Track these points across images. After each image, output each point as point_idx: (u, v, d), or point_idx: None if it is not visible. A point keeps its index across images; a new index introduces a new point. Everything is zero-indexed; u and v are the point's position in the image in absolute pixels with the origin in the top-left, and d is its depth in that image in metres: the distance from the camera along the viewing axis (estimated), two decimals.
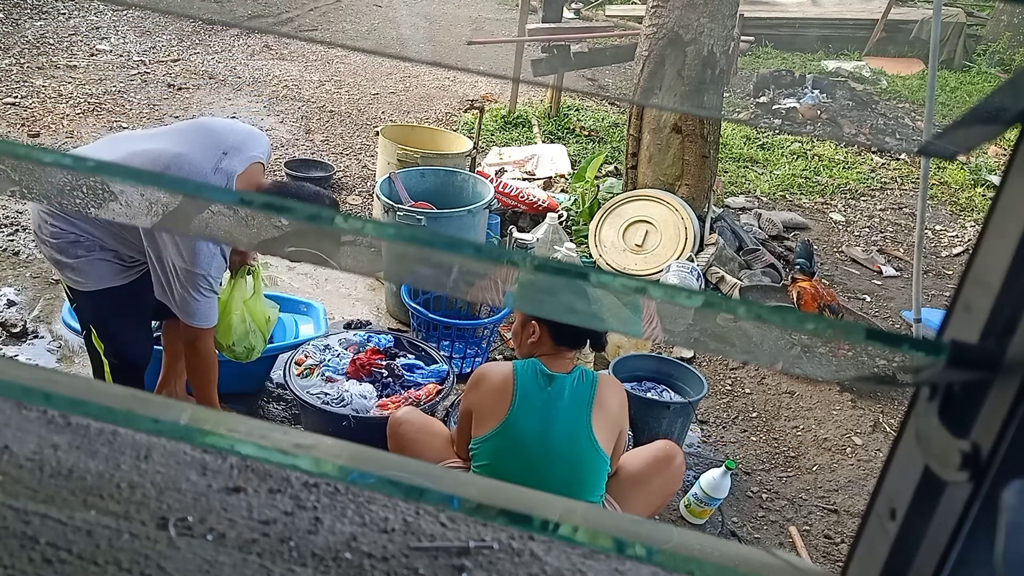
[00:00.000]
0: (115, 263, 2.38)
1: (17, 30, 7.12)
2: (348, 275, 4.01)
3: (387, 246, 0.48)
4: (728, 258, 4.31)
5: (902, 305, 4.47)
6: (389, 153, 4.24)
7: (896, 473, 0.51)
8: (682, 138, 4.33)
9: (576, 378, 2.22)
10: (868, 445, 3.32)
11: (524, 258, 0.46)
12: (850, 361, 0.50)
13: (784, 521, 2.89)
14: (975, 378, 0.44)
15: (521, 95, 6.74)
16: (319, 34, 8.51)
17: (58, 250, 2.32)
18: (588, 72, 7.60)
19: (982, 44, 9.90)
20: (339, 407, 2.80)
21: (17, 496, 0.59)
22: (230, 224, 1.66)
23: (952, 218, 5.84)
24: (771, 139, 6.71)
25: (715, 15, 4.11)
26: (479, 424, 2.24)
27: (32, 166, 0.55)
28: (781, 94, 7.61)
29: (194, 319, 2.37)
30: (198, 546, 0.57)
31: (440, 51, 8.04)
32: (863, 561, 0.53)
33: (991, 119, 0.46)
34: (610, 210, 4.36)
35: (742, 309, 0.45)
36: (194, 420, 0.58)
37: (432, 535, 0.61)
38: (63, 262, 2.34)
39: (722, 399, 3.52)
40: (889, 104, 7.94)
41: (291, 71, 7.13)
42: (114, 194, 0.80)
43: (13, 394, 0.63)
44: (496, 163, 5.37)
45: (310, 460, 0.56)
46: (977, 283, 0.46)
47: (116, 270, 2.39)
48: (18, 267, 3.70)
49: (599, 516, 0.82)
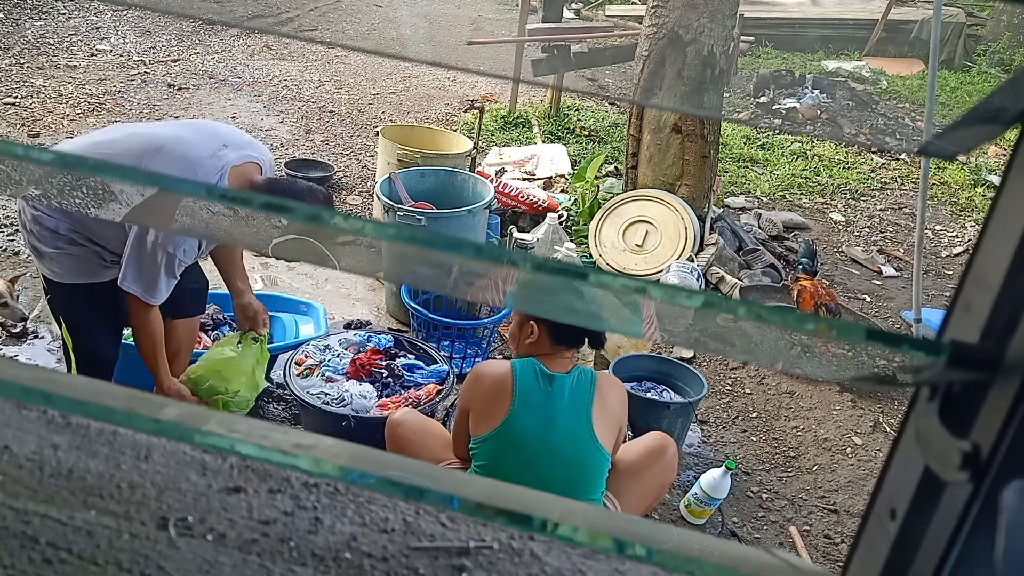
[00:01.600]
0: (94, 260, 2.35)
1: (17, 30, 7.12)
2: (348, 275, 4.02)
3: (387, 246, 0.48)
4: (728, 258, 4.31)
5: (902, 305, 4.47)
6: (389, 153, 4.24)
7: (896, 473, 0.51)
8: (682, 138, 4.33)
9: (576, 377, 2.23)
10: (868, 445, 3.32)
11: (524, 258, 0.46)
12: (850, 361, 0.50)
13: (784, 521, 2.89)
14: (975, 378, 0.44)
15: (521, 95, 6.74)
16: (319, 34, 8.51)
17: (39, 238, 2.31)
18: (588, 72, 7.60)
19: (982, 44, 9.90)
20: (339, 407, 2.80)
21: (17, 496, 0.59)
22: (228, 223, 1.65)
23: (952, 218, 5.84)
24: (771, 139, 6.71)
25: (715, 15, 4.11)
26: (477, 423, 2.23)
27: (32, 166, 0.55)
28: (781, 94, 7.61)
29: (138, 285, 2.28)
30: (198, 546, 0.57)
31: (440, 51, 8.04)
32: (863, 561, 0.53)
33: (991, 119, 0.46)
34: (610, 210, 4.36)
35: (742, 309, 0.45)
36: (195, 420, 0.58)
37: (432, 535, 0.61)
38: (42, 251, 2.32)
39: (722, 399, 3.52)
40: (889, 104, 7.94)
41: (291, 71, 7.13)
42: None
43: (13, 394, 0.63)
44: (496, 163, 5.37)
45: (310, 460, 0.56)
46: (977, 283, 0.46)
47: (94, 267, 2.36)
48: (18, 267, 3.70)
49: (599, 516, 0.82)
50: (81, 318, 2.46)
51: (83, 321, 2.47)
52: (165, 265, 2.26)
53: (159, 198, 1.50)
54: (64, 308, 2.46)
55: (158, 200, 1.89)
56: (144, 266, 2.25)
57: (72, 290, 2.38)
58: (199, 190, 0.49)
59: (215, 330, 3.17)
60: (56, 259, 2.33)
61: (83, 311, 2.45)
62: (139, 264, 2.25)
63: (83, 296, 2.40)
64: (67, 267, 2.34)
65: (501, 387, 2.20)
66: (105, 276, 2.37)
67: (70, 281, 2.37)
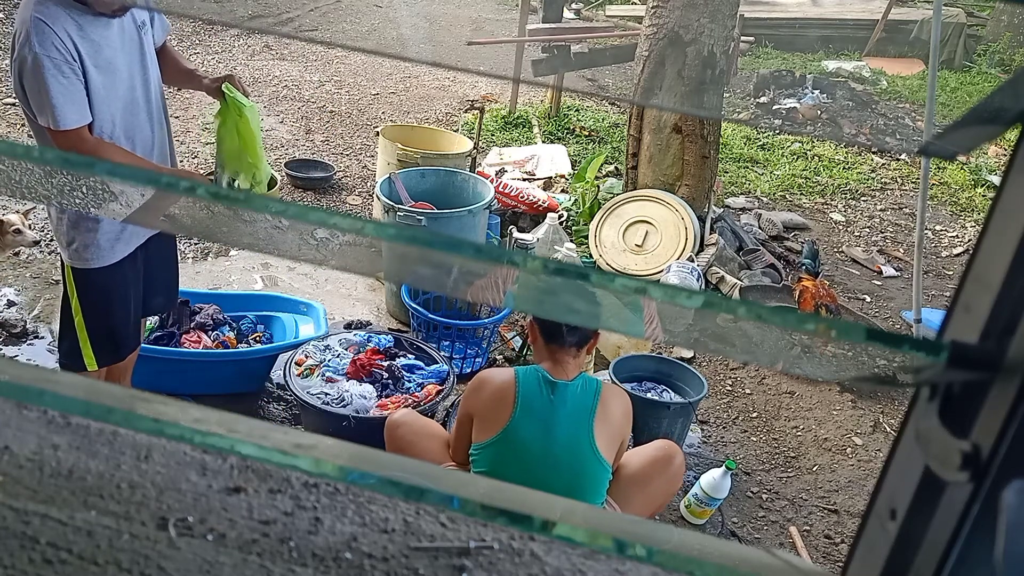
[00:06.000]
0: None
1: None
2: (348, 275, 4.02)
3: (387, 246, 0.48)
4: (728, 258, 4.31)
5: (902, 305, 4.47)
6: (389, 153, 4.24)
7: (896, 473, 0.51)
8: (682, 138, 4.33)
9: (580, 386, 2.20)
10: (868, 445, 3.32)
11: (524, 258, 0.46)
12: (850, 361, 0.50)
13: (784, 521, 2.89)
14: (975, 378, 0.44)
15: (521, 95, 6.74)
16: (319, 34, 8.51)
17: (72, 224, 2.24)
18: (588, 72, 7.60)
19: (982, 44, 9.90)
20: (339, 407, 2.80)
21: (17, 496, 0.59)
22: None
23: (952, 218, 5.84)
24: (771, 139, 6.71)
25: (715, 15, 4.11)
26: (479, 430, 2.22)
27: (32, 166, 0.55)
28: (781, 94, 7.61)
29: (43, 116, 2.06)
30: (198, 546, 0.57)
31: (440, 51, 8.04)
32: (863, 561, 0.53)
33: (991, 119, 0.46)
34: (610, 210, 4.36)
35: (742, 309, 0.45)
36: (194, 420, 0.58)
37: (432, 535, 0.61)
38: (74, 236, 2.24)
39: (722, 399, 3.52)
40: (889, 104, 7.94)
41: (291, 71, 7.13)
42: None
43: (13, 394, 0.63)
44: (496, 163, 5.37)
45: (310, 460, 0.56)
46: (977, 283, 0.46)
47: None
48: (18, 267, 3.70)
49: (599, 516, 0.83)
50: (108, 303, 2.40)
51: (110, 306, 2.41)
52: (48, 74, 1.98)
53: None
54: (89, 295, 2.37)
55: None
56: (38, 92, 2.01)
57: (101, 273, 2.32)
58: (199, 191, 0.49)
59: (215, 330, 3.17)
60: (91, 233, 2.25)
61: (111, 295, 2.39)
62: (36, 94, 2.03)
63: (111, 279, 2.35)
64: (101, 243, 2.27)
65: (504, 394, 2.18)
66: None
67: (100, 264, 2.31)
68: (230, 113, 2.42)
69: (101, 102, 2.14)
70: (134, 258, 2.40)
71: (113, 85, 2.16)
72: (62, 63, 2.01)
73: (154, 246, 2.50)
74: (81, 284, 2.35)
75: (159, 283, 2.62)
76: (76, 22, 2.04)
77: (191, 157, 5.21)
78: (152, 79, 2.31)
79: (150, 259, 2.50)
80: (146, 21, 2.28)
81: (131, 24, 2.21)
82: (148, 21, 2.29)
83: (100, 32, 2.10)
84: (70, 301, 2.37)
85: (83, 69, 2.07)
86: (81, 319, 2.38)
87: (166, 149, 2.44)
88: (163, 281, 2.65)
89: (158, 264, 2.57)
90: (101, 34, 2.11)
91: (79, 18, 2.05)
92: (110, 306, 2.42)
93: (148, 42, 2.28)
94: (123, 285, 2.40)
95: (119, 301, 2.42)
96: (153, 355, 2.89)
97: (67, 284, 2.36)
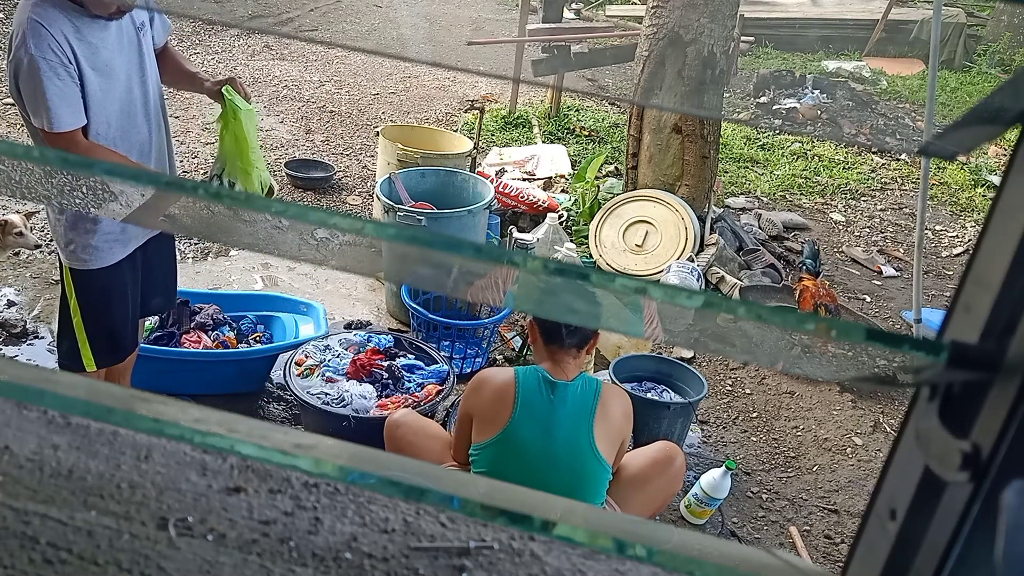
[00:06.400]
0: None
1: None
2: (348, 275, 4.02)
3: (387, 246, 0.48)
4: (728, 258, 4.32)
5: (902, 305, 4.46)
6: (389, 153, 4.24)
7: (896, 473, 0.51)
8: (682, 138, 4.33)
9: (580, 386, 2.20)
10: (868, 445, 3.32)
11: (524, 258, 0.46)
12: (850, 361, 0.50)
13: (784, 521, 2.89)
14: (975, 378, 0.44)
15: (521, 95, 6.74)
16: (319, 34, 8.50)
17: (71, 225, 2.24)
18: (588, 72, 7.60)
19: (982, 44, 9.90)
20: (339, 407, 2.80)
21: (17, 496, 0.59)
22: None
23: (952, 218, 5.84)
24: (771, 139, 6.71)
25: (715, 15, 4.11)
26: (479, 430, 2.22)
27: (32, 166, 0.56)
28: (781, 94, 7.61)
29: (37, 118, 2.08)
30: (198, 546, 0.57)
31: (440, 51, 8.04)
32: (863, 561, 0.53)
33: (991, 119, 0.46)
34: (610, 210, 4.36)
35: (742, 309, 0.45)
36: (194, 420, 0.58)
37: (432, 535, 0.61)
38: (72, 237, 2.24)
39: (722, 399, 3.52)
40: (889, 104, 7.94)
41: (291, 71, 7.13)
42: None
43: (13, 394, 0.63)
44: (496, 163, 5.37)
45: (310, 460, 0.56)
46: (977, 283, 0.46)
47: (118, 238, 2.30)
48: (18, 267, 3.70)
49: (599, 517, 0.83)
50: (107, 304, 2.40)
51: (108, 307, 2.41)
52: (43, 76, 1.97)
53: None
54: (88, 296, 2.37)
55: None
56: (33, 94, 2.02)
57: (100, 275, 2.32)
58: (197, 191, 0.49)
59: (215, 330, 3.17)
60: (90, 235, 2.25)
61: (110, 296, 2.39)
62: (31, 95, 2.03)
63: (110, 281, 2.35)
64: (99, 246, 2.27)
65: (504, 394, 2.18)
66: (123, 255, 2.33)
67: (98, 266, 2.31)
68: (229, 117, 2.42)
69: (98, 104, 2.13)
70: (133, 259, 2.40)
71: (110, 87, 2.16)
72: (58, 65, 2.01)
73: (153, 247, 2.50)
74: (80, 285, 2.35)
75: (158, 284, 2.62)
76: (73, 24, 2.04)
77: (191, 157, 5.21)
78: (151, 81, 2.30)
79: (149, 260, 2.50)
80: (145, 22, 2.27)
81: (130, 26, 2.20)
82: (147, 22, 2.28)
83: (97, 34, 2.10)
84: (69, 302, 2.37)
85: (79, 71, 2.06)
86: (80, 320, 2.38)
87: (164, 151, 2.43)
88: (162, 282, 2.65)
89: (157, 265, 2.57)
90: (98, 36, 2.10)
91: (76, 20, 2.05)
92: (109, 307, 2.42)
93: (147, 43, 2.28)
94: (122, 286, 2.40)
95: (118, 302, 2.42)
96: (153, 355, 2.89)
97: (66, 285, 2.35)
